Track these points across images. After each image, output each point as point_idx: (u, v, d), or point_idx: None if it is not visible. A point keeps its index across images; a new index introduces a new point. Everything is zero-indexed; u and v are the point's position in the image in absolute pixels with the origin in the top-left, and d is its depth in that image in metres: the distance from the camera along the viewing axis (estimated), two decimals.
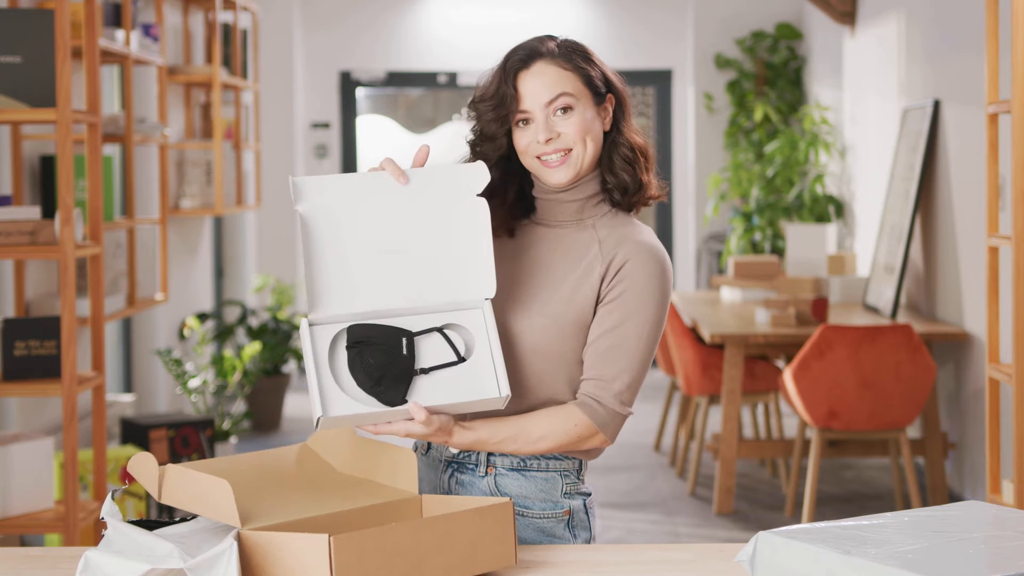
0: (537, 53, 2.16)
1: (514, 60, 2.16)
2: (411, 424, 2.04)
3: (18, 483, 3.84)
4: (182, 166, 6.55)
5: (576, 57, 2.17)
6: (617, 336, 2.13)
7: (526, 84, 2.15)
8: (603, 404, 2.13)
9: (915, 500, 5.27)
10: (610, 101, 2.20)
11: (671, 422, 7.43)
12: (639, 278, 2.14)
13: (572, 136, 2.14)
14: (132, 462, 1.97)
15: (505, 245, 2.23)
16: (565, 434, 2.12)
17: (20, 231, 3.76)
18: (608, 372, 2.13)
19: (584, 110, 2.15)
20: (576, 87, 2.15)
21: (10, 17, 3.72)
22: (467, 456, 2.20)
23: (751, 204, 8.37)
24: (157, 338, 6.60)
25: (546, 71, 2.15)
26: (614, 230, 2.19)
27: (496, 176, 2.19)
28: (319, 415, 1.98)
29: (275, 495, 1.99)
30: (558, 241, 2.20)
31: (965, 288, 5.65)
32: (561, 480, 2.20)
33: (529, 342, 2.14)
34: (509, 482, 2.18)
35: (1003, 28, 4.59)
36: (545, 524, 2.19)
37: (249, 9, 7.18)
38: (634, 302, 2.13)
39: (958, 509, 1.86)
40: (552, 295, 2.16)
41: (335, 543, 1.73)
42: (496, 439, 2.11)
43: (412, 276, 2.07)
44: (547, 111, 2.14)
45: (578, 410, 2.12)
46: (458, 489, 2.21)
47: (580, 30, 9.42)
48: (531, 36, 2.21)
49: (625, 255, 2.15)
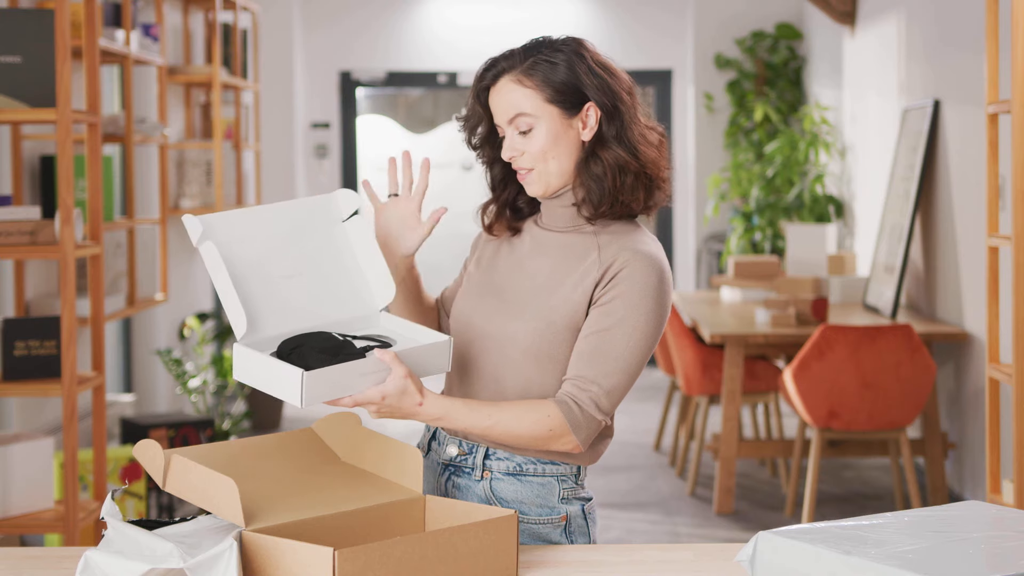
0: (502, 70, 2.14)
1: (484, 77, 2.17)
2: (381, 387, 2.01)
3: (18, 483, 3.84)
4: (182, 166, 6.55)
5: (542, 71, 2.11)
6: (603, 340, 2.10)
7: (493, 100, 2.16)
8: (579, 405, 2.09)
9: (915, 500, 5.27)
10: (592, 109, 2.13)
11: (671, 422, 7.43)
12: (633, 286, 2.10)
13: (532, 156, 2.14)
14: (137, 448, 1.97)
15: (509, 250, 2.25)
16: (536, 424, 2.08)
17: (20, 231, 3.77)
18: (589, 374, 2.10)
19: (546, 127, 2.12)
20: (535, 105, 2.11)
21: (10, 17, 3.72)
22: (463, 459, 2.19)
23: (751, 204, 8.36)
24: (157, 338, 6.60)
25: (506, 89, 2.13)
26: (615, 237, 2.16)
27: (498, 174, 2.24)
28: (301, 372, 1.94)
29: (279, 487, 2.00)
30: (559, 247, 2.20)
31: (965, 288, 5.65)
32: (558, 485, 2.18)
33: (523, 345, 2.14)
34: (505, 487, 2.17)
35: (1003, 28, 4.59)
36: (541, 530, 2.17)
37: (249, 9, 7.18)
38: (624, 309, 2.10)
39: (958, 509, 1.86)
40: (547, 299, 2.15)
41: (339, 556, 1.73)
42: (468, 407, 2.08)
43: (314, 298, 2.12)
44: (511, 128, 2.14)
45: (555, 406, 2.09)
46: (455, 492, 2.20)
47: (580, 30, 9.41)
48: (531, 38, 2.20)
49: (623, 262, 2.12)
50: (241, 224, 2.10)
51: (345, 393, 2.02)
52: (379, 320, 2.17)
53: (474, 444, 2.18)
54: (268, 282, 2.09)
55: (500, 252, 2.27)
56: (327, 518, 1.93)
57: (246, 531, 1.83)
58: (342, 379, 2.00)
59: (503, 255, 2.26)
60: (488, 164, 2.25)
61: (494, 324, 2.17)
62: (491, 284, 2.23)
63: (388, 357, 2.01)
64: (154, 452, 1.95)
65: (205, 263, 2.05)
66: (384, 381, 2.03)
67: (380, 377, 2.03)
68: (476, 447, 2.18)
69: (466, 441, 2.19)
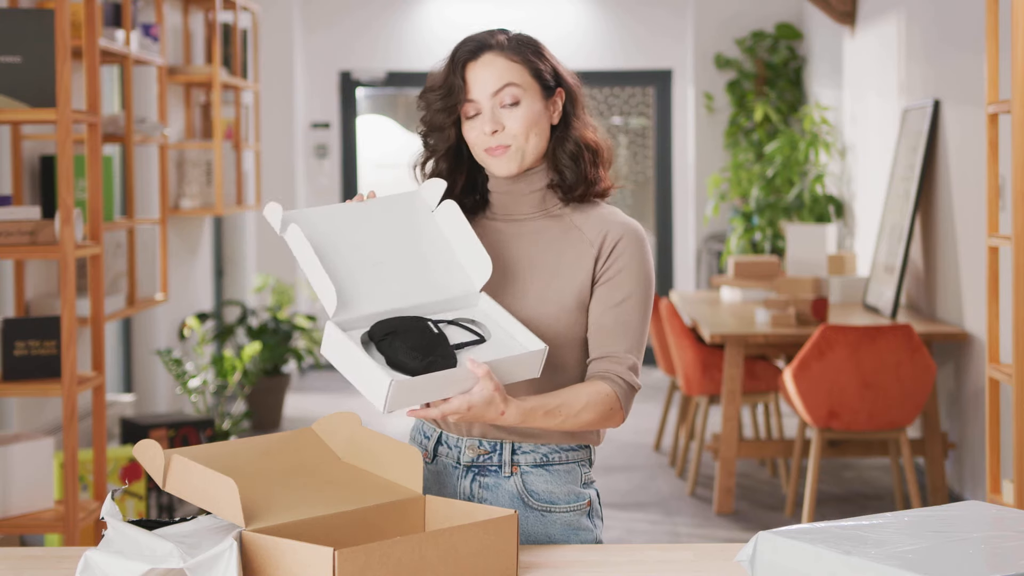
0: (486, 45, 2.17)
1: (463, 51, 2.17)
2: (468, 396, 1.99)
3: (18, 483, 3.84)
4: (182, 166, 6.55)
5: (525, 50, 2.18)
6: (621, 313, 2.16)
7: (474, 74, 2.15)
8: (623, 378, 2.15)
9: (915, 500, 5.27)
10: (560, 95, 2.20)
11: (671, 422, 7.43)
12: (633, 257, 2.17)
13: (516, 129, 2.15)
14: (137, 448, 1.97)
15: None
16: (602, 404, 2.11)
17: (20, 231, 3.77)
18: (619, 348, 2.15)
19: (531, 103, 2.15)
20: (524, 79, 2.15)
21: (10, 17, 3.72)
22: (488, 458, 2.19)
23: (751, 204, 8.36)
24: (157, 338, 6.60)
25: (494, 62, 2.15)
26: (588, 214, 2.20)
27: (444, 167, 2.22)
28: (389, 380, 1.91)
29: (279, 487, 2.00)
30: (534, 233, 2.20)
31: (965, 288, 5.65)
32: (579, 470, 2.22)
33: (538, 332, 2.14)
34: (535, 479, 2.18)
35: (1003, 28, 4.59)
36: (571, 518, 2.20)
37: (249, 9, 7.18)
38: (632, 280, 2.17)
39: (958, 509, 1.86)
40: (549, 284, 2.17)
41: (339, 556, 1.74)
42: (545, 408, 2.07)
43: (406, 281, 2.09)
44: (494, 102, 2.15)
45: (606, 384, 2.13)
46: (483, 493, 2.19)
47: (580, 30, 9.43)
48: (482, 30, 2.22)
49: (616, 235, 2.17)
50: (322, 219, 2.08)
51: (430, 399, 2.00)
52: (477, 301, 2.12)
53: (496, 441, 2.18)
54: (357, 268, 2.06)
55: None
56: (327, 518, 1.93)
57: (246, 531, 1.83)
58: (430, 386, 1.97)
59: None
60: (442, 151, 2.21)
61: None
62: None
63: (481, 372, 1.99)
64: (154, 452, 1.95)
65: (292, 249, 2.02)
66: (471, 389, 2.00)
67: (468, 384, 2.00)
68: (501, 444, 2.18)
69: (486, 440, 2.19)
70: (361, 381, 1.98)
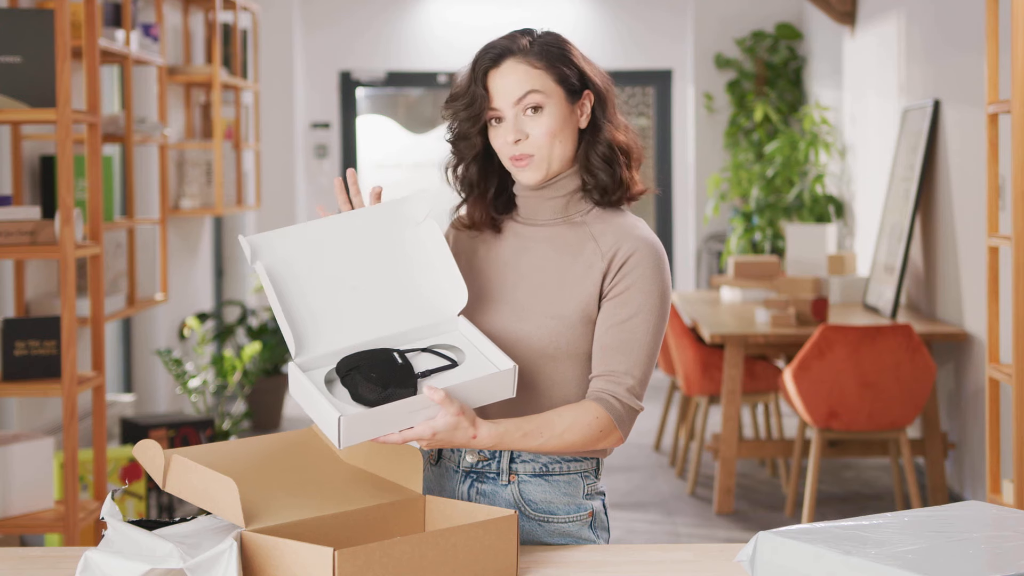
0: (508, 51, 2.13)
1: (484, 59, 2.14)
2: (431, 423, 1.96)
3: (18, 483, 3.84)
4: (182, 166, 6.55)
5: (549, 54, 2.13)
6: (626, 331, 2.10)
7: (496, 83, 2.12)
8: (619, 399, 2.09)
9: (915, 500, 5.27)
10: (588, 98, 2.15)
11: (671, 422, 7.43)
12: (644, 273, 2.11)
13: (539, 137, 2.11)
14: (137, 448, 1.97)
15: (487, 250, 2.21)
16: (588, 427, 2.06)
17: (20, 231, 3.76)
18: (620, 367, 2.10)
19: (555, 108, 2.11)
20: (546, 85, 2.11)
21: (10, 17, 3.72)
22: (487, 464, 2.16)
23: (751, 204, 8.37)
24: (157, 338, 6.60)
25: (516, 69, 2.12)
26: (608, 225, 2.16)
27: (475, 171, 2.19)
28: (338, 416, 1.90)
29: (279, 487, 1.99)
30: (550, 240, 2.17)
31: (965, 288, 5.65)
32: (582, 482, 2.18)
33: (538, 345, 2.11)
34: (533, 488, 2.15)
35: (1003, 28, 4.59)
36: (571, 528, 2.17)
37: (249, 9, 7.18)
38: (641, 297, 2.11)
39: (958, 509, 1.86)
40: (555, 295, 2.13)
41: (339, 556, 1.73)
42: (522, 431, 2.03)
43: (383, 307, 2.07)
44: (516, 109, 2.11)
45: (597, 405, 2.08)
46: (479, 499, 2.16)
47: (580, 30, 9.42)
48: (506, 32, 2.19)
49: (628, 250, 2.12)
50: (304, 238, 2.06)
51: (391, 430, 1.96)
52: (455, 326, 2.09)
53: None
54: (333, 295, 2.04)
55: (477, 254, 2.22)
56: (327, 518, 1.93)
57: (246, 531, 1.83)
58: (387, 418, 1.94)
59: (481, 256, 2.22)
60: (470, 159, 2.19)
61: (499, 326, 2.14)
62: (479, 287, 2.19)
63: (438, 397, 1.95)
64: (154, 452, 1.95)
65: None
66: (435, 416, 1.97)
67: (432, 412, 1.97)
68: (499, 451, 2.15)
69: None
70: (319, 419, 1.97)
